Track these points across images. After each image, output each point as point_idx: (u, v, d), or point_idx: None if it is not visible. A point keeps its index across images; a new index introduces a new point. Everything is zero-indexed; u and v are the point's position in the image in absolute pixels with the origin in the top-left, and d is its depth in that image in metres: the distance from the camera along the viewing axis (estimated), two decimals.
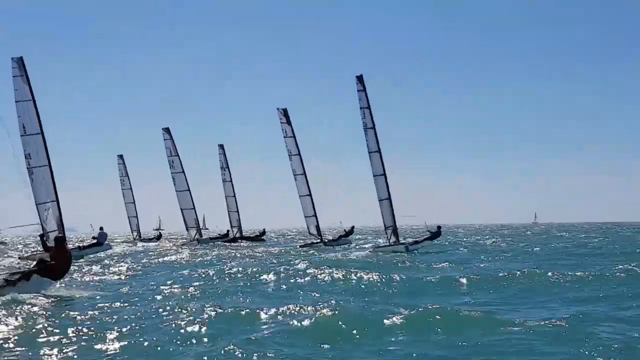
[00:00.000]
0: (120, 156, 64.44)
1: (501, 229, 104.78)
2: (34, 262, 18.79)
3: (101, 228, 39.10)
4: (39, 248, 36.48)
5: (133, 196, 63.93)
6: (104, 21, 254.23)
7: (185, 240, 55.23)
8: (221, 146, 58.99)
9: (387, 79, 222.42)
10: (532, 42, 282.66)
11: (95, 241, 38.95)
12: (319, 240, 43.79)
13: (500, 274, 18.81)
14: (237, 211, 58.20)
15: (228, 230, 58.32)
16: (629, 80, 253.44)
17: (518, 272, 18.61)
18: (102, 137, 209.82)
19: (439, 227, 37.88)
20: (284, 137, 44.96)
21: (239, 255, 34.20)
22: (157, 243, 57.00)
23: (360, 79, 36.63)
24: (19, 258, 31.79)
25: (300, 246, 43.25)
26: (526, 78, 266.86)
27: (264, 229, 60.68)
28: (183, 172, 54.47)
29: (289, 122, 44.83)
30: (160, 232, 71.60)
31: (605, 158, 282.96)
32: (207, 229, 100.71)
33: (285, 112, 44.89)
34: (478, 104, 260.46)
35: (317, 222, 45.08)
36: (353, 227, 46.74)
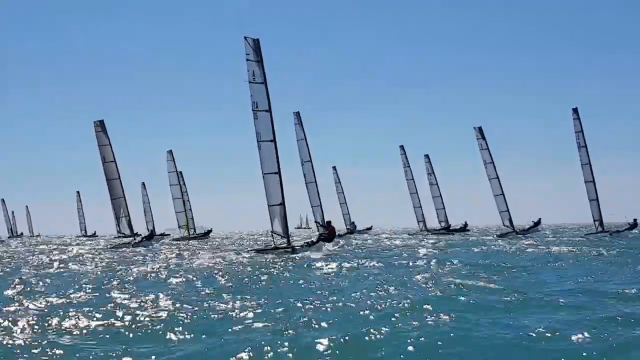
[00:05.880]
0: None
1: None
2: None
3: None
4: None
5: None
6: None
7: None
8: (427, 156, 71.49)
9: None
10: None
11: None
12: (512, 230, 55.75)
13: None
14: (444, 208, 70.96)
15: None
16: None
17: None
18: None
19: (635, 220, 49.82)
20: (480, 149, 56.94)
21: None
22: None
23: (575, 110, 48.65)
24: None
25: (497, 235, 55.02)
26: None
27: (465, 222, 70.50)
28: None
29: (484, 138, 56.85)
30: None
31: None
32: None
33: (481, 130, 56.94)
34: None
35: (510, 216, 57.07)
36: (540, 219, 58.50)
